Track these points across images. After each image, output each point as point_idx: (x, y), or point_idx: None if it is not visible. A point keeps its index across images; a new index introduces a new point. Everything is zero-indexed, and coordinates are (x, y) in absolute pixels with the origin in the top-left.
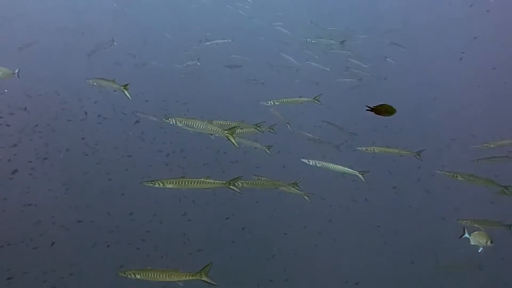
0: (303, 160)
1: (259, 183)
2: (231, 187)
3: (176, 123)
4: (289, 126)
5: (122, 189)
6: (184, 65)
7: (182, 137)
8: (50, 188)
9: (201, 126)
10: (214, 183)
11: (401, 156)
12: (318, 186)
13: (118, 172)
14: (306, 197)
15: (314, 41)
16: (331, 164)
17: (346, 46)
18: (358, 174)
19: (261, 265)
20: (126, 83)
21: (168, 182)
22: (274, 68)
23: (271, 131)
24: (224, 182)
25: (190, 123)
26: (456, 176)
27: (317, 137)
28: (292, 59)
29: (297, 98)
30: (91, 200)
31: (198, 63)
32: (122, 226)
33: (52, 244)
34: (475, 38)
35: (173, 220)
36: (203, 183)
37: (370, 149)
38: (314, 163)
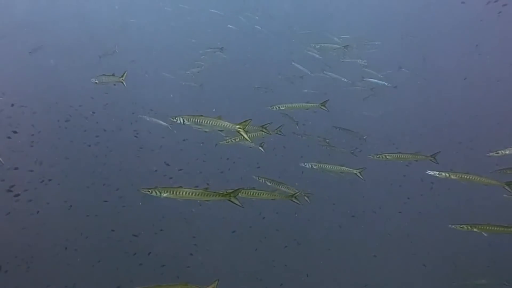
0: (302, 164)
1: (257, 194)
2: (231, 200)
3: (184, 121)
4: (297, 127)
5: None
6: (188, 72)
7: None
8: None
9: (211, 123)
10: (213, 194)
11: (416, 161)
12: None
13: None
14: (306, 197)
15: (318, 46)
16: (328, 165)
17: (361, 55)
18: (356, 172)
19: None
20: (123, 73)
21: (165, 191)
22: (282, 78)
23: (279, 133)
24: (225, 193)
25: (198, 121)
26: (450, 176)
27: (327, 140)
28: (304, 68)
29: (304, 104)
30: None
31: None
32: None
33: None
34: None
35: None
36: (201, 194)
37: (383, 156)
38: (310, 165)
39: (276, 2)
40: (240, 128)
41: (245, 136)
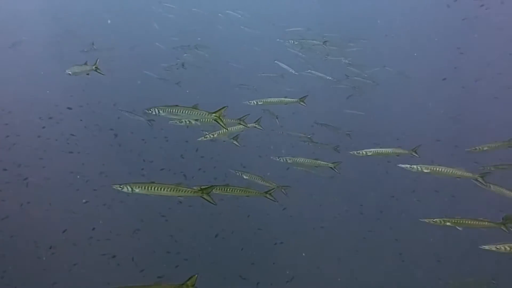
0: (274, 158)
1: (231, 190)
2: (204, 196)
3: (159, 112)
4: (277, 121)
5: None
6: (167, 68)
7: None
8: None
9: (186, 112)
10: (186, 190)
11: (397, 156)
12: None
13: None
14: (282, 190)
15: (296, 42)
16: (302, 158)
17: (345, 53)
18: (331, 166)
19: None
20: (96, 60)
21: (137, 186)
22: (263, 76)
23: (257, 126)
24: (198, 190)
25: (173, 111)
26: (422, 169)
27: (309, 136)
28: (288, 67)
29: (282, 99)
30: None
31: (184, 67)
32: None
33: None
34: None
35: None
36: (174, 190)
37: (363, 153)
38: (284, 160)
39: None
40: (216, 116)
41: (222, 124)
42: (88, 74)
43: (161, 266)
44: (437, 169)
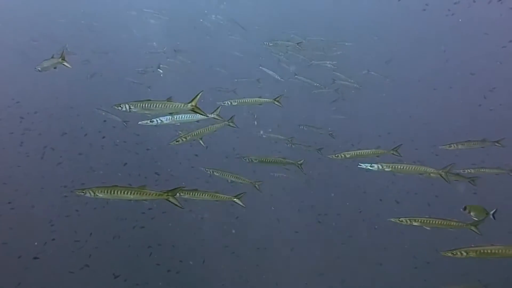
0: (242, 159)
1: (200, 195)
2: (170, 199)
3: (129, 108)
4: (256, 122)
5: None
6: (141, 70)
7: None
8: None
9: (160, 106)
10: (150, 193)
11: (377, 156)
12: None
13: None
14: (256, 185)
15: (271, 44)
16: (268, 157)
17: (330, 57)
18: (296, 163)
19: None
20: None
21: (100, 191)
22: (238, 81)
23: (231, 124)
24: (163, 193)
25: (146, 106)
26: (383, 168)
27: (290, 139)
28: (273, 73)
29: (256, 99)
30: None
31: (160, 71)
32: None
33: None
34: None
35: None
36: (138, 193)
37: (341, 155)
38: (250, 159)
39: (241, 5)
40: (193, 105)
41: (201, 112)
42: (55, 68)
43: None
44: (399, 166)
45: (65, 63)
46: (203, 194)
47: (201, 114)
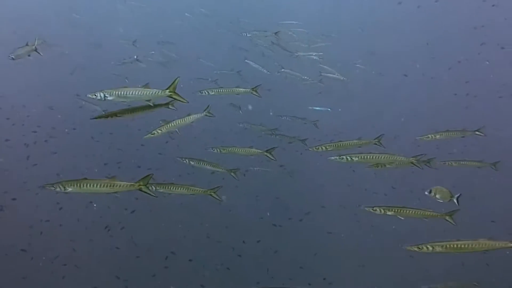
0: (210, 149)
1: (175, 188)
2: (142, 189)
3: (104, 96)
4: (240, 112)
5: None
6: (121, 63)
7: None
8: None
9: (136, 93)
10: (121, 185)
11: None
12: None
13: None
14: (233, 174)
15: (249, 35)
16: (236, 148)
17: (316, 49)
18: (266, 154)
19: None
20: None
21: (69, 184)
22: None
23: (208, 114)
24: (134, 183)
25: (121, 93)
26: (352, 159)
27: (273, 129)
28: (260, 67)
29: (234, 88)
30: None
31: (138, 61)
32: None
33: None
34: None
35: None
36: (108, 185)
37: (322, 147)
38: (218, 150)
39: None
40: (170, 91)
41: (180, 98)
42: (29, 55)
43: None
44: (368, 156)
45: (38, 51)
46: (179, 188)
47: (180, 100)
